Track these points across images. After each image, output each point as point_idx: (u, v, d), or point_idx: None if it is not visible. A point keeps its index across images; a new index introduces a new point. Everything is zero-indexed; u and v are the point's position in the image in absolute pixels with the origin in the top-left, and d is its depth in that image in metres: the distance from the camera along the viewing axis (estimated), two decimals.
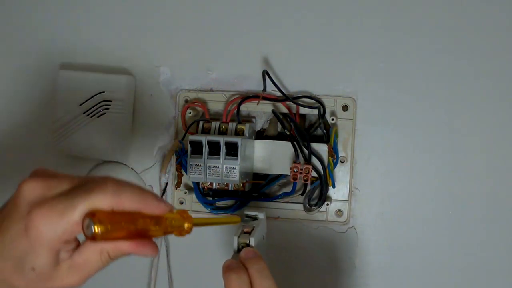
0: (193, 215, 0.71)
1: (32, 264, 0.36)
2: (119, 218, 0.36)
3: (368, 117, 0.65)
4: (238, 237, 0.49)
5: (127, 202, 0.37)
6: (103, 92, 0.67)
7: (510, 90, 0.63)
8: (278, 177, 0.66)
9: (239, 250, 0.48)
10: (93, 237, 0.35)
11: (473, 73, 0.63)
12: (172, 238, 0.70)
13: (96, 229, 0.35)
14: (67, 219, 0.35)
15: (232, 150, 0.60)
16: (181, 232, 0.39)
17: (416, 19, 0.64)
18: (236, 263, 0.45)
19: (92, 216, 0.35)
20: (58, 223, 0.35)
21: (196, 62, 0.69)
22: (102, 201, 0.36)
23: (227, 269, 0.45)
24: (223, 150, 0.60)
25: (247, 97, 0.65)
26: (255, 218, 0.54)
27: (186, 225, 0.39)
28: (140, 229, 0.37)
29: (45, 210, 0.35)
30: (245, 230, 0.50)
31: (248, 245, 0.49)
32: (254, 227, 0.51)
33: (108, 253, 0.37)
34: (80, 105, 0.67)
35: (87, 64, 0.71)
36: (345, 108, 0.65)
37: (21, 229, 0.36)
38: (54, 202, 0.36)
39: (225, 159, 0.60)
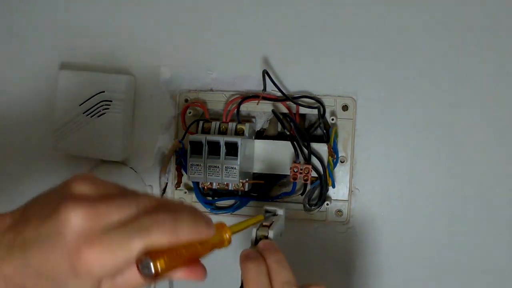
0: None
1: None
2: (173, 250, 0.35)
3: (368, 117, 0.65)
4: (257, 229, 0.49)
5: (183, 237, 0.35)
6: (103, 92, 0.67)
7: (510, 90, 0.63)
8: (278, 177, 0.66)
9: (256, 242, 0.48)
10: (154, 276, 0.34)
11: (474, 73, 0.63)
12: None
13: (157, 268, 0.34)
14: (121, 260, 0.33)
15: (232, 150, 0.60)
16: (223, 244, 0.40)
17: (416, 19, 0.64)
18: (255, 253, 0.44)
19: (150, 255, 0.34)
20: (111, 263, 0.33)
21: (196, 62, 0.69)
22: (160, 240, 0.34)
23: (245, 258, 0.44)
24: (223, 150, 0.60)
25: (247, 97, 0.65)
26: (274, 214, 0.54)
27: (225, 236, 0.39)
28: (189, 254, 0.37)
29: (97, 250, 0.33)
30: (264, 223, 0.50)
31: (266, 237, 0.49)
32: (273, 221, 0.50)
33: None
34: (80, 105, 0.67)
35: (87, 64, 0.71)
36: (345, 108, 0.65)
37: (66, 260, 0.33)
38: (107, 240, 0.33)
39: (225, 159, 0.61)
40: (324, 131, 0.64)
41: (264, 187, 0.67)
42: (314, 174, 0.62)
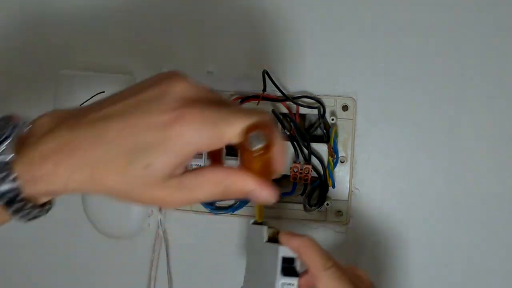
0: (193, 215, 0.71)
1: (149, 161, 0.31)
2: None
3: (368, 117, 0.65)
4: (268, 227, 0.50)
5: (278, 138, 0.34)
6: (103, 92, 0.67)
7: (511, 89, 0.63)
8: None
9: (269, 240, 0.50)
10: (263, 149, 0.32)
11: (474, 72, 0.63)
12: (171, 237, 0.69)
13: (267, 142, 0.32)
14: (218, 132, 0.31)
15: (232, 150, 0.60)
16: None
17: (416, 19, 0.64)
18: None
19: (262, 128, 0.32)
20: (210, 131, 0.31)
21: (196, 62, 0.69)
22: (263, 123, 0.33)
23: (295, 234, 0.46)
24: (223, 150, 0.60)
25: (247, 97, 0.65)
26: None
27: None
28: (264, 166, 0.34)
29: (200, 112, 0.31)
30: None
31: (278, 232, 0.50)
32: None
33: (225, 186, 0.33)
34: (80, 105, 0.67)
35: (87, 64, 0.71)
36: (345, 108, 0.65)
37: (160, 121, 0.30)
38: (212, 108, 0.31)
39: (225, 159, 0.60)
40: (324, 131, 0.64)
41: None
42: (314, 174, 0.62)
